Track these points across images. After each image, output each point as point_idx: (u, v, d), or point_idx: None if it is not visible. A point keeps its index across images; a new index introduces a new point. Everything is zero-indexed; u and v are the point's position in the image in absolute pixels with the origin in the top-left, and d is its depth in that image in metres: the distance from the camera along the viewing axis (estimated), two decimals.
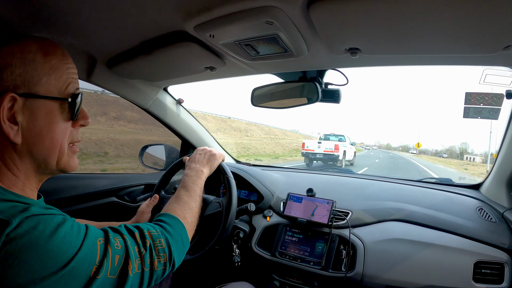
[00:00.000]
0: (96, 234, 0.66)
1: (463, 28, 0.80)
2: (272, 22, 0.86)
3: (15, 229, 0.53)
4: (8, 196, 0.62)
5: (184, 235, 0.90)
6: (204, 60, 1.25)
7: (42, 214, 0.59)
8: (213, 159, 1.27)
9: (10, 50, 0.65)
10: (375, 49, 1.01)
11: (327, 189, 1.75)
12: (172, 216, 0.92)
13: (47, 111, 0.68)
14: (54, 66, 0.69)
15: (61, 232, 0.58)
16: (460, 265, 1.22)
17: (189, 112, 2.04)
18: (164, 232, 0.82)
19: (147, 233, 0.76)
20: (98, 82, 1.45)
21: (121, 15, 0.95)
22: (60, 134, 0.71)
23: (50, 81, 0.68)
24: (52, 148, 0.70)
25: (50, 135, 0.69)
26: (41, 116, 0.67)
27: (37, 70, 0.66)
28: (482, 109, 2.58)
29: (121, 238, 0.70)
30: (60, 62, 0.70)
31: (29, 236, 0.54)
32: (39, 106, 0.67)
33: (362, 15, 0.80)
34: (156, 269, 0.74)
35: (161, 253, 0.77)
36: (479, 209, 1.47)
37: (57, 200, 1.51)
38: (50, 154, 0.70)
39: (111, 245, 0.66)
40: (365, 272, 1.32)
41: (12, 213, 0.56)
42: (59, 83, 0.70)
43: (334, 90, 1.41)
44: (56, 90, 0.69)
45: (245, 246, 1.59)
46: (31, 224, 0.55)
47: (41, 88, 0.67)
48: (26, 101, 0.65)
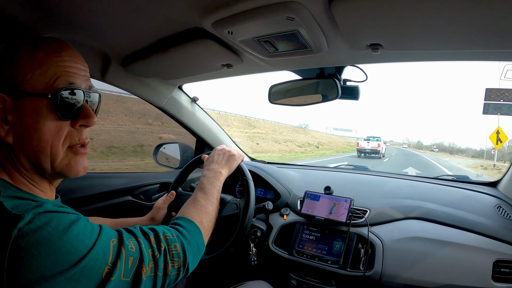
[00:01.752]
0: (109, 234, 0.66)
1: (488, 22, 0.78)
2: (293, 17, 0.84)
3: (27, 224, 0.53)
4: (22, 194, 0.62)
5: (200, 240, 0.89)
6: (221, 58, 1.23)
7: (55, 211, 0.59)
8: (232, 160, 1.25)
9: (2, 53, 0.66)
10: (397, 45, 0.98)
11: (344, 186, 1.73)
12: (189, 220, 0.90)
13: (33, 109, 0.64)
14: (41, 61, 0.65)
15: (74, 229, 0.58)
16: (479, 264, 1.20)
17: (204, 110, 2.03)
18: (180, 236, 0.81)
19: (162, 237, 0.75)
20: (112, 81, 1.45)
21: (136, 12, 0.94)
22: (49, 134, 0.66)
23: (35, 77, 0.64)
24: (41, 149, 0.65)
25: (36, 135, 0.65)
26: (27, 115, 0.64)
27: (23, 67, 0.64)
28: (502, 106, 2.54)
29: (135, 240, 0.69)
30: (48, 55, 0.66)
31: (41, 232, 0.54)
32: (25, 104, 0.64)
33: (385, 10, 0.78)
34: (169, 274, 0.73)
35: (175, 257, 0.75)
36: (498, 207, 1.44)
37: (73, 200, 1.53)
38: (40, 155, 0.66)
39: (124, 246, 0.65)
40: (384, 271, 1.30)
41: (25, 208, 0.56)
42: (45, 78, 0.65)
43: (353, 87, 1.39)
44: (42, 86, 0.65)
45: (262, 245, 1.58)
46: (44, 220, 0.55)
47: (27, 85, 0.64)
48: (14, 100, 0.64)
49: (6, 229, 0.52)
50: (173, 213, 1.37)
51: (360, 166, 2.35)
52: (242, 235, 1.24)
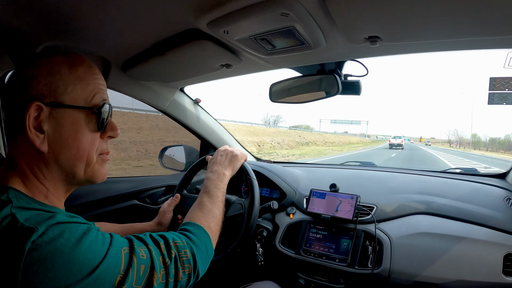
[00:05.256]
0: (120, 243, 0.66)
1: (488, 9, 0.76)
2: (288, 13, 0.83)
3: (40, 237, 0.54)
4: (34, 205, 0.63)
5: (209, 244, 0.90)
6: (220, 58, 1.23)
7: (67, 222, 0.60)
8: (235, 160, 1.25)
9: (37, 62, 0.68)
10: (395, 37, 0.97)
11: (350, 183, 1.72)
12: (197, 225, 0.91)
13: (73, 120, 0.69)
14: (80, 76, 0.70)
15: (86, 240, 0.59)
16: (489, 258, 1.18)
17: (207, 111, 2.03)
18: (189, 242, 0.81)
19: (172, 243, 0.76)
20: (113, 86, 1.46)
21: (132, 17, 0.95)
22: (87, 143, 0.71)
23: (75, 91, 0.69)
24: (79, 157, 0.71)
25: (76, 144, 0.70)
26: (67, 125, 0.68)
27: (63, 80, 0.68)
28: (507, 95, 2.48)
29: (146, 248, 0.70)
30: (86, 72, 0.72)
31: (54, 244, 0.54)
32: (64, 115, 0.68)
33: (381, 1, 0.77)
34: (180, 280, 0.74)
35: (186, 264, 0.76)
36: (507, 199, 1.42)
37: (80, 205, 1.54)
38: (77, 163, 0.71)
39: (136, 254, 0.66)
40: (392, 268, 1.28)
41: (38, 220, 0.57)
42: (85, 93, 0.71)
43: (354, 82, 1.37)
44: (82, 100, 0.70)
45: (269, 245, 1.57)
46: (57, 232, 0.56)
47: (67, 98, 0.68)
48: (52, 110, 0.67)
49: (20, 242, 0.53)
50: (179, 216, 1.37)
51: (366, 162, 2.33)
52: (248, 235, 1.23)
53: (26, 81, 0.66)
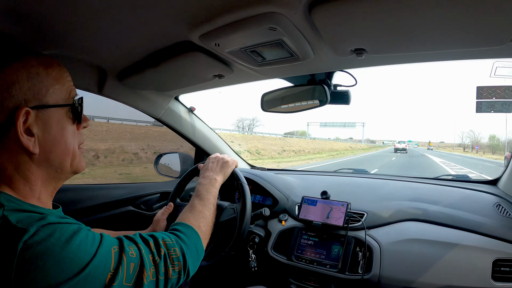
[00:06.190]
0: (110, 242, 0.68)
1: (469, 21, 0.79)
2: (275, 28, 0.86)
3: (32, 237, 0.55)
4: (25, 206, 0.64)
5: (199, 244, 0.91)
6: (212, 69, 1.26)
7: (58, 222, 0.61)
8: (226, 166, 1.28)
9: (14, 67, 0.67)
10: (380, 49, 1.00)
11: (342, 191, 1.74)
12: (186, 225, 0.93)
13: (58, 119, 0.72)
14: (56, 77, 0.73)
15: (76, 239, 0.60)
16: (479, 264, 1.19)
17: (201, 119, 2.05)
18: (178, 241, 0.83)
19: (161, 242, 0.78)
20: (109, 94, 1.48)
21: (127, 29, 0.98)
22: (71, 137, 0.75)
23: (56, 91, 0.72)
24: (66, 152, 0.74)
25: (64, 140, 0.73)
26: (54, 124, 0.71)
27: (43, 82, 0.70)
28: (494, 103, 2.52)
29: (136, 247, 0.72)
30: (59, 72, 0.74)
31: (45, 243, 0.56)
32: (50, 115, 0.71)
33: (365, 16, 0.80)
34: (170, 278, 0.75)
35: (175, 261, 0.78)
36: (497, 205, 1.43)
37: (75, 211, 1.55)
38: (65, 157, 0.74)
39: (125, 253, 0.67)
40: (382, 273, 1.30)
41: (29, 221, 0.58)
42: (63, 91, 0.74)
43: (344, 92, 1.41)
44: (62, 98, 0.73)
45: (261, 251, 1.59)
46: (48, 232, 0.58)
47: (50, 98, 0.71)
48: (38, 112, 0.68)
49: (12, 243, 0.54)
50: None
51: (359, 169, 2.35)
52: (241, 238, 1.25)
53: (8, 88, 0.65)
